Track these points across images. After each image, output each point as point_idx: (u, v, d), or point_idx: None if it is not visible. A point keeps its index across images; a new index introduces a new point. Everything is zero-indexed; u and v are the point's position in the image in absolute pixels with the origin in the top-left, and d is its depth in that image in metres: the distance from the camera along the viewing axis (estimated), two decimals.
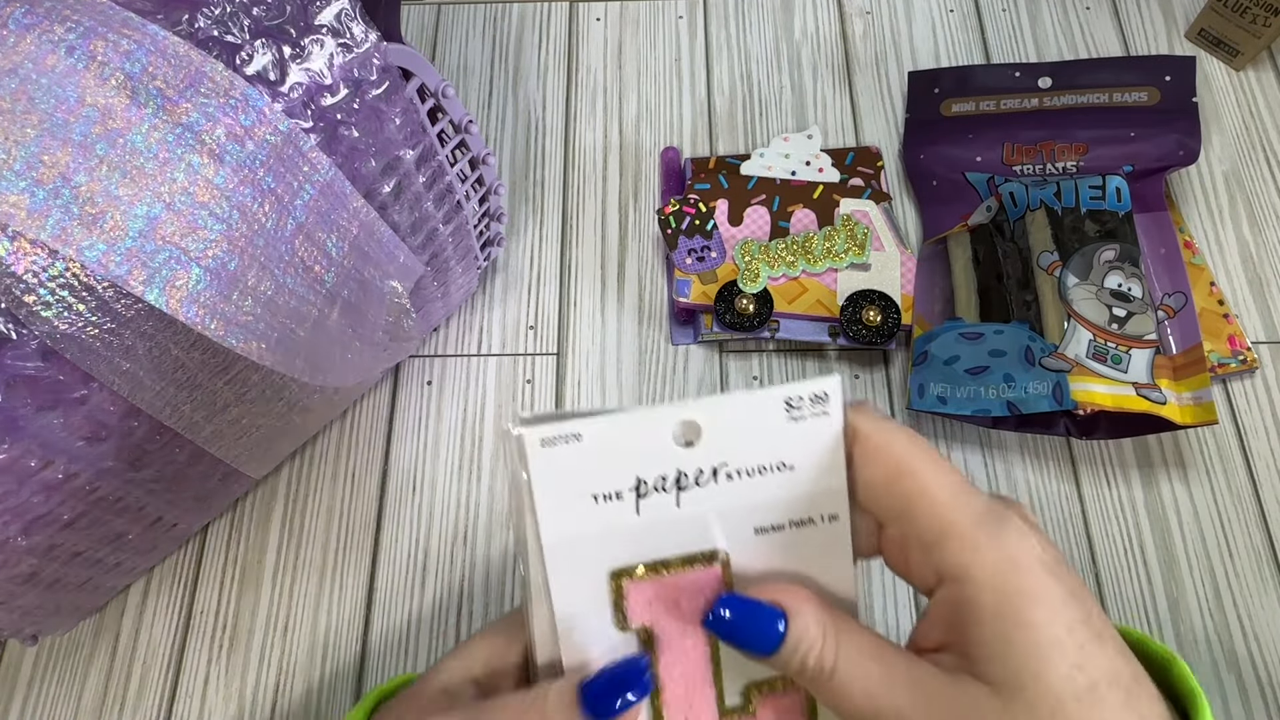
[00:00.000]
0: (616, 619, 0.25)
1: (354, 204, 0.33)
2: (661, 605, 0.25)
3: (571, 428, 0.23)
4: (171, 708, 0.40)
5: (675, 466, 0.24)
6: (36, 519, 0.32)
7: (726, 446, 0.25)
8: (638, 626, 0.25)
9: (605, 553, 0.25)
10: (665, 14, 0.57)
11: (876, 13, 0.57)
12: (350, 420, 0.46)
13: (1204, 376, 0.41)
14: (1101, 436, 0.42)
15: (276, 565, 0.43)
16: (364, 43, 0.32)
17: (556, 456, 0.23)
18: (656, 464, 0.24)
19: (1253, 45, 0.53)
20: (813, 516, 0.25)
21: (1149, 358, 0.42)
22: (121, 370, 0.30)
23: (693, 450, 0.24)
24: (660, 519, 0.25)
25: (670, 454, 0.24)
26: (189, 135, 0.28)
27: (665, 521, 0.25)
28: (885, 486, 0.23)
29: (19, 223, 0.25)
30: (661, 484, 0.24)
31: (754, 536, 0.25)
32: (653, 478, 0.24)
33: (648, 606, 0.25)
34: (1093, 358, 0.42)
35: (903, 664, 0.23)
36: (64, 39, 0.27)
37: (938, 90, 0.53)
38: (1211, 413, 0.40)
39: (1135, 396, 0.41)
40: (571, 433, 0.23)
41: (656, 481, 0.24)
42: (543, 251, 0.50)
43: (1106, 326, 0.43)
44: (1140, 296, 0.43)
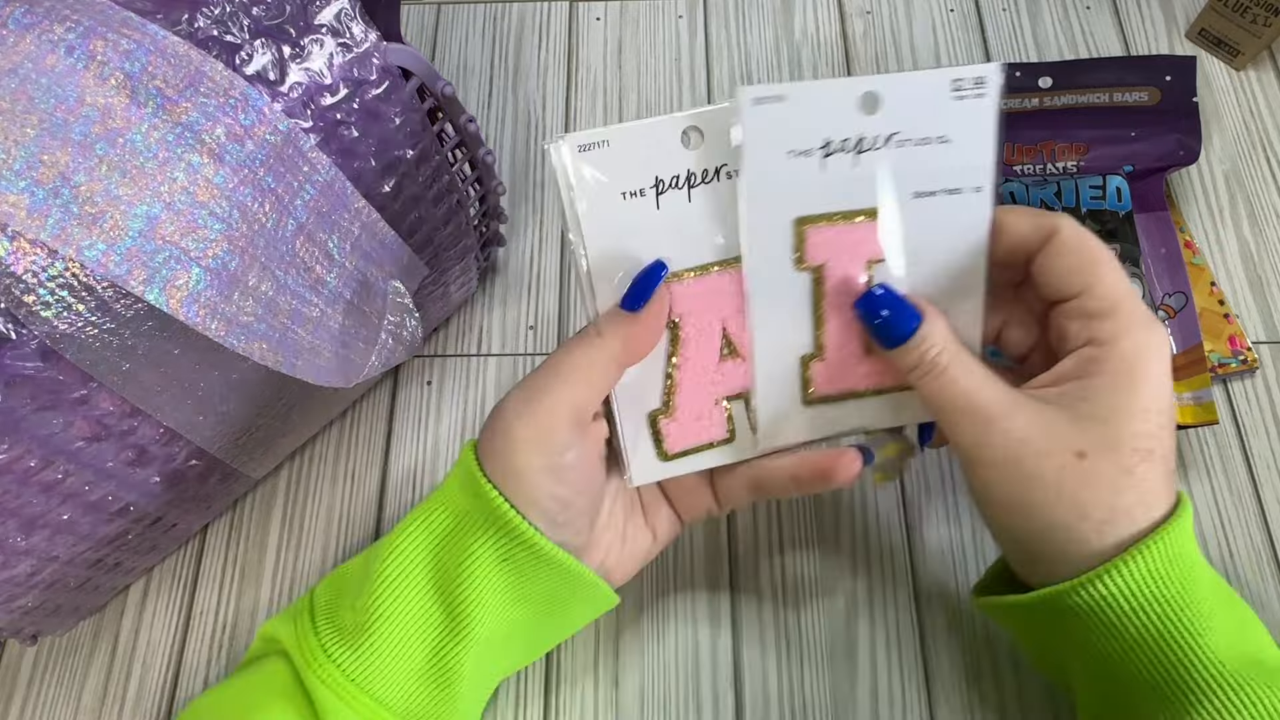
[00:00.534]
0: (795, 259, 0.31)
1: (355, 204, 0.33)
2: (834, 248, 0.31)
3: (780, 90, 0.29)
4: (171, 708, 0.40)
5: (858, 131, 0.29)
6: (36, 519, 0.32)
7: (901, 116, 0.29)
8: (814, 264, 0.31)
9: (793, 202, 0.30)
10: (665, 14, 0.57)
11: (876, 13, 0.57)
12: (350, 420, 0.46)
13: (1204, 377, 0.41)
14: None
15: (276, 565, 0.43)
16: (364, 42, 0.31)
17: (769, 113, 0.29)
18: (842, 128, 0.29)
19: (1253, 45, 0.53)
20: (962, 186, 0.30)
21: None
22: (121, 370, 0.30)
23: (872, 118, 0.29)
24: (841, 176, 0.30)
25: (854, 119, 0.29)
26: (189, 135, 0.28)
27: (845, 178, 0.30)
28: (1077, 268, 0.29)
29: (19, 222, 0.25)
30: (843, 145, 0.29)
31: (912, 200, 0.30)
32: (837, 140, 0.29)
33: (823, 248, 0.31)
34: None
35: (1001, 381, 0.29)
36: (63, 39, 0.27)
37: None
38: (1212, 413, 0.41)
39: None
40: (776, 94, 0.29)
41: (839, 144, 0.29)
42: (543, 251, 0.50)
43: None
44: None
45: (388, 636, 0.30)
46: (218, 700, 0.32)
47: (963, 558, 0.42)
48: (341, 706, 0.29)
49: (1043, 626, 0.31)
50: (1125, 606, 0.28)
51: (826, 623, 0.41)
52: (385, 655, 0.30)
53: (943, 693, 0.39)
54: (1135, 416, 0.28)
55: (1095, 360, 0.28)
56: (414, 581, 0.31)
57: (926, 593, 0.41)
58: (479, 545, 0.30)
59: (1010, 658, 0.40)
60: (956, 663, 0.40)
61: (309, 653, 0.30)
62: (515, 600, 0.31)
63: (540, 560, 0.30)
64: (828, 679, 0.40)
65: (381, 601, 0.30)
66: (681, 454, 0.33)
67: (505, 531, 0.30)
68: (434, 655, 0.30)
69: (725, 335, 0.32)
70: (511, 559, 0.30)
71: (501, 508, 0.30)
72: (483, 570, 0.30)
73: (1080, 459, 0.28)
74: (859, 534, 0.43)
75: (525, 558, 0.30)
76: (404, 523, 0.32)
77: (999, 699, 0.39)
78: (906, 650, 0.40)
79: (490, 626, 0.31)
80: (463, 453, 0.32)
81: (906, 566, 0.42)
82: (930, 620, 0.41)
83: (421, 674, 0.30)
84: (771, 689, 0.40)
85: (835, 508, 0.43)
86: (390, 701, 0.30)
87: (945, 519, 0.43)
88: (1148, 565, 0.27)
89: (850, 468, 0.32)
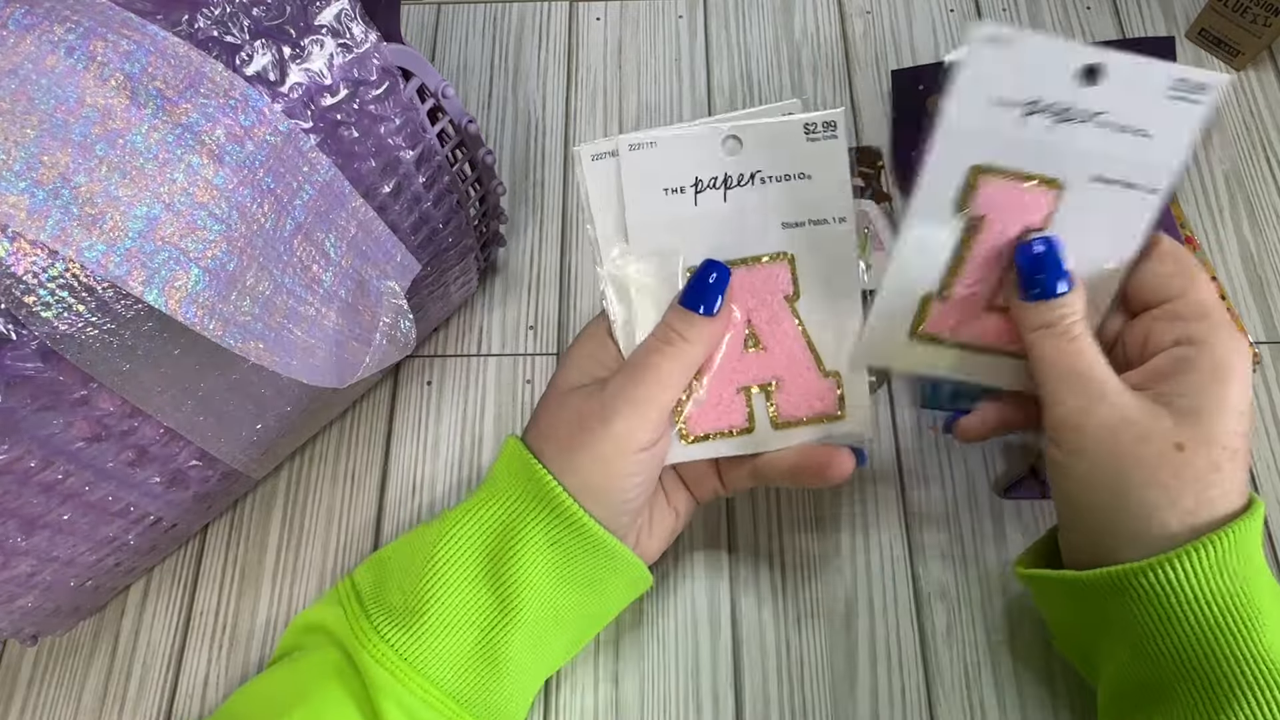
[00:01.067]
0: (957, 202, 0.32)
1: (353, 203, 0.33)
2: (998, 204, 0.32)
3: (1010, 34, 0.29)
4: (171, 708, 0.40)
5: (1068, 100, 0.30)
6: (36, 519, 0.32)
7: (1114, 97, 0.30)
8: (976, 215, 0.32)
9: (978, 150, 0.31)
10: (665, 14, 0.57)
11: (876, 13, 0.57)
12: (350, 420, 0.46)
13: None
14: None
15: (276, 565, 0.43)
16: (364, 43, 0.31)
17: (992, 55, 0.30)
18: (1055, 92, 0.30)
19: (1253, 45, 0.53)
20: (1141, 184, 0.31)
21: None
22: (121, 370, 0.30)
23: (1085, 90, 0.30)
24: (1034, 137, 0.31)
25: (1068, 87, 0.30)
26: (189, 136, 0.28)
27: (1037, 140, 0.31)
28: (1175, 274, 0.31)
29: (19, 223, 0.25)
30: (1049, 108, 0.30)
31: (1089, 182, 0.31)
32: (1045, 101, 0.30)
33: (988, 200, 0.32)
34: None
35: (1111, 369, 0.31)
36: (64, 39, 0.27)
37: (922, 87, 0.52)
38: None
39: None
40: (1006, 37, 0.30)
41: (1048, 105, 0.30)
42: (543, 252, 0.50)
43: None
44: None
45: (440, 618, 0.31)
46: (266, 686, 0.33)
47: (962, 557, 0.42)
48: (394, 684, 0.30)
49: (1090, 606, 0.32)
50: (1190, 593, 0.29)
51: (826, 623, 0.41)
52: (437, 635, 0.31)
53: (943, 693, 0.39)
54: (1229, 415, 0.29)
55: (1188, 360, 0.30)
56: (465, 567, 0.32)
57: (926, 593, 0.41)
58: (530, 529, 0.32)
59: (1010, 658, 0.40)
60: (957, 663, 0.40)
61: (362, 634, 0.31)
62: (560, 583, 0.33)
63: (589, 544, 0.32)
64: (828, 679, 0.40)
65: (434, 584, 0.32)
66: (702, 438, 0.35)
67: (560, 516, 0.32)
68: (484, 637, 0.32)
69: (750, 327, 0.35)
70: (560, 543, 0.32)
71: (558, 493, 0.32)
72: (532, 554, 0.32)
73: (1178, 450, 0.29)
74: (859, 533, 0.43)
75: (574, 542, 0.32)
76: (455, 513, 0.33)
77: (999, 699, 0.39)
78: (906, 650, 0.40)
79: (536, 609, 0.32)
80: (508, 445, 0.34)
81: (906, 566, 0.42)
82: (930, 620, 0.41)
83: (471, 655, 0.32)
84: (771, 689, 0.40)
85: (835, 508, 0.43)
86: (442, 680, 0.31)
87: (945, 519, 0.43)
88: (1218, 555, 0.28)
89: (843, 466, 0.33)
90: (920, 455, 0.44)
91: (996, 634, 0.40)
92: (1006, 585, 0.41)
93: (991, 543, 0.42)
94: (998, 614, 0.41)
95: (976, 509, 0.43)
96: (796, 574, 0.42)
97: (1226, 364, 0.30)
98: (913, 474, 0.44)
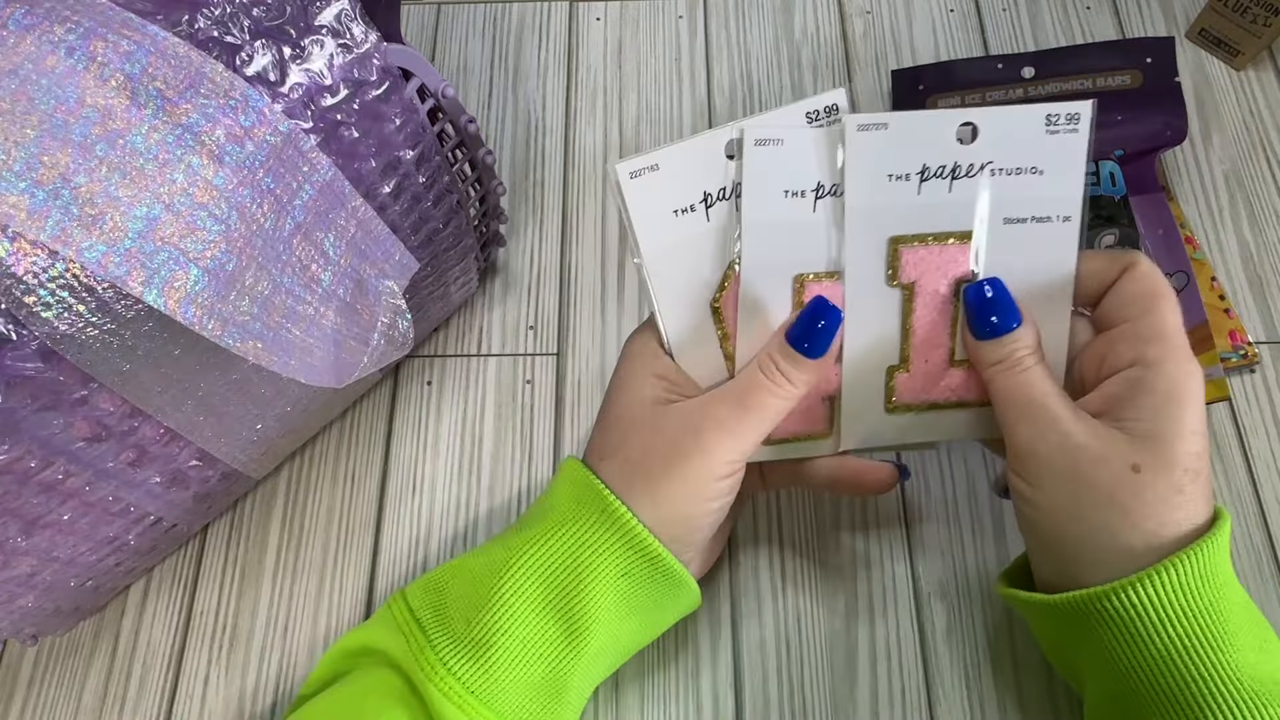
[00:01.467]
0: (888, 275, 0.33)
1: (352, 203, 0.33)
2: (925, 267, 0.33)
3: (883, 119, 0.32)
4: (171, 708, 0.40)
5: (954, 159, 0.32)
6: (36, 520, 0.32)
7: (996, 147, 0.32)
8: (906, 282, 0.33)
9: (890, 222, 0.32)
10: (665, 14, 0.57)
11: (876, 13, 0.57)
12: (350, 420, 0.46)
13: (1213, 354, 0.41)
14: None
15: (276, 565, 0.43)
16: (364, 43, 0.31)
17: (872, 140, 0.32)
18: (939, 156, 0.32)
19: (1253, 45, 0.53)
20: (1052, 215, 0.32)
21: None
22: (121, 370, 0.30)
23: (968, 147, 0.32)
24: (936, 200, 0.32)
25: (951, 148, 0.32)
26: (189, 136, 0.28)
27: (940, 202, 0.32)
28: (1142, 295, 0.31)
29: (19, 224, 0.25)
30: (939, 171, 0.32)
31: (1002, 225, 0.32)
32: (934, 166, 0.32)
33: (915, 266, 0.33)
34: None
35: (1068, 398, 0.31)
36: (64, 40, 0.27)
37: (922, 87, 0.52)
38: (1223, 389, 0.40)
39: None
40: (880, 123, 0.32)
41: (937, 169, 0.32)
42: (543, 251, 0.50)
43: None
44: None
45: (508, 651, 0.31)
46: (326, 709, 0.32)
47: (963, 558, 0.42)
48: (460, 717, 0.30)
49: (1064, 627, 0.32)
50: (1157, 615, 0.29)
51: (826, 623, 0.41)
52: (505, 669, 0.31)
53: (943, 693, 0.39)
54: (1185, 437, 0.29)
55: (1142, 382, 0.30)
56: (533, 599, 0.32)
57: (926, 593, 0.41)
58: (603, 562, 0.32)
59: (1010, 658, 0.40)
60: (957, 663, 0.40)
61: (428, 665, 0.31)
62: (627, 613, 0.33)
63: (659, 573, 0.32)
64: (828, 679, 0.40)
65: (501, 617, 0.31)
66: (783, 440, 0.35)
67: (636, 549, 0.32)
68: (550, 669, 0.32)
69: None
70: (630, 574, 0.32)
71: (635, 526, 0.31)
72: (603, 587, 0.32)
73: (1135, 472, 0.29)
74: (859, 533, 0.43)
75: (644, 572, 0.32)
76: (519, 538, 0.33)
77: (999, 699, 0.39)
78: (906, 650, 0.40)
79: (601, 639, 0.32)
80: (570, 468, 0.34)
81: (906, 566, 0.42)
82: (930, 620, 0.41)
83: (537, 687, 0.31)
84: (771, 689, 0.40)
85: (835, 508, 0.43)
86: (506, 713, 0.31)
87: (945, 519, 0.43)
88: (1183, 575, 0.28)
89: (883, 482, 0.35)
90: (920, 455, 0.44)
91: (996, 634, 0.40)
92: None
93: (991, 543, 0.42)
94: (998, 614, 0.41)
95: (976, 509, 0.43)
96: (796, 574, 0.42)
97: (1180, 387, 0.30)
98: (913, 474, 0.44)
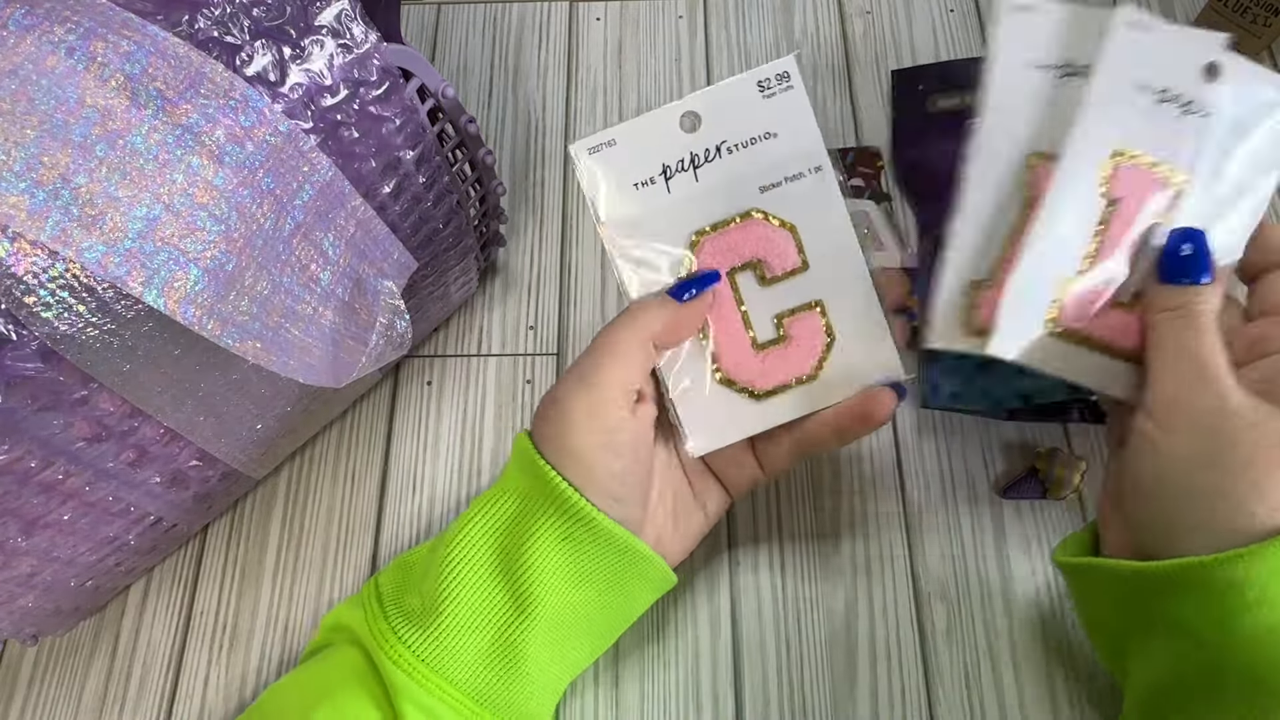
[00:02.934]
0: (1102, 184, 0.32)
1: (352, 203, 0.33)
2: (1133, 189, 0.32)
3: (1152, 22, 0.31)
4: (171, 708, 0.40)
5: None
6: (37, 520, 0.32)
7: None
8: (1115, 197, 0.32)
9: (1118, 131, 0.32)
10: (665, 14, 0.57)
11: (876, 13, 0.57)
12: (350, 420, 0.46)
13: None
14: None
15: (276, 565, 0.43)
16: (364, 43, 0.32)
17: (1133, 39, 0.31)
18: (1184, 84, 0.31)
19: (1253, 45, 0.53)
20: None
21: None
22: (121, 370, 0.30)
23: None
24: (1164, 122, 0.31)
25: (1196, 83, 0.31)
26: (189, 136, 0.28)
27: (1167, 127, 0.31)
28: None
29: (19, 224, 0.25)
30: (1177, 98, 0.31)
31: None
32: (1174, 91, 0.31)
33: (1126, 185, 0.32)
34: None
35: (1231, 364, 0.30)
36: (64, 40, 0.27)
37: (922, 87, 0.52)
38: None
39: None
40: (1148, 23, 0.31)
41: (1174, 95, 0.31)
42: (543, 251, 0.50)
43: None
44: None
45: (455, 618, 0.31)
46: (291, 686, 0.33)
47: (963, 558, 0.42)
48: (412, 685, 0.30)
49: (1137, 599, 0.31)
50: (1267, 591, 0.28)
51: (826, 623, 0.41)
52: (453, 636, 0.31)
53: (943, 693, 0.39)
54: None
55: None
56: (478, 565, 0.32)
57: (926, 593, 0.41)
58: (541, 526, 0.32)
59: (1010, 658, 0.40)
60: (957, 663, 0.40)
61: (379, 635, 0.31)
62: (577, 581, 0.32)
63: (599, 537, 0.32)
64: (828, 679, 0.40)
65: (447, 585, 0.32)
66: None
67: (565, 510, 0.32)
68: (500, 636, 0.32)
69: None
70: (572, 538, 0.32)
71: (561, 486, 0.31)
72: (544, 551, 0.32)
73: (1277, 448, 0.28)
74: (859, 534, 0.43)
75: (585, 536, 0.32)
76: (468, 511, 0.33)
77: (999, 699, 0.39)
78: (906, 650, 0.40)
79: (554, 607, 0.32)
80: (517, 441, 0.34)
81: (906, 566, 0.42)
82: (930, 620, 0.41)
83: (489, 654, 0.32)
84: (771, 689, 0.40)
85: (835, 507, 0.43)
86: (459, 680, 0.31)
87: (945, 519, 0.43)
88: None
89: (886, 404, 0.34)
90: (920, 455, 0.44)
91: (996, 634, 0.40)
92: (1006, 585, 0.41)
93: (991, 543, 0.42)
94: (998, 614, 0.41)
95: (976, 509, 0.43)
96: (796, 574, 0.42)
97: None
98: (913, 474, 0.44)
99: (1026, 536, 0.42)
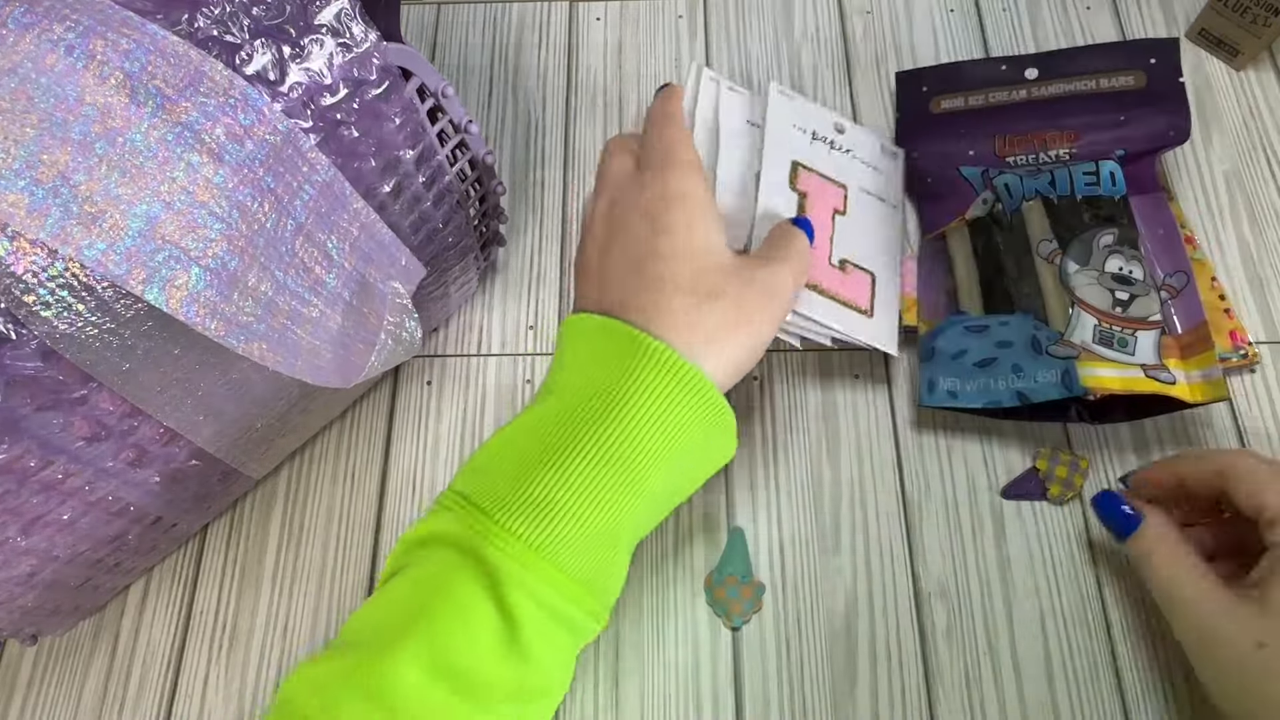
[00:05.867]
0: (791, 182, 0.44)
1: (354, 205, 0.33)
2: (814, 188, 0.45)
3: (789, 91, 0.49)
4: (171, 708, 0.40)
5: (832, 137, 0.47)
6: (36, 519, 0.32)
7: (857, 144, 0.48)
8: (801, 190, 0.44)
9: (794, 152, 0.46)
10: (665, 14, 0.57)
11: (876, 13, 0.57)
12: (350, 420, 0.46)
13: (1211, 354, 0.41)
14: (1114, 420, 0.43)
15: (276, 565, 0.43)
16: (364, 42, 0.31)
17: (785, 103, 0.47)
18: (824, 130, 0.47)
19: (1253, 45, 0.53)
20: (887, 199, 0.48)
21: (1155, 339, 0.42)
22: (121, 370, 0.30)
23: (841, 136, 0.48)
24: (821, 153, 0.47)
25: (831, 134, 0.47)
26: (188, 134, 0.28)
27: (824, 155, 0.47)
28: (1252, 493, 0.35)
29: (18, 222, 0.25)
30: (824, 139, 0.47)
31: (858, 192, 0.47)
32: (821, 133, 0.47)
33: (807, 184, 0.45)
34: (1099, 342, 0.42)
35: (1200, 571, 0.35)
36: (63, 38, 0.27)
37: (925, 88, 0.53)
38: (1222, 389, 0.40)
39: (1144, 379, 0.41)
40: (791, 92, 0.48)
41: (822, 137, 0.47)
42: (543, 251, 0.50)
43: (1110, 310, 0.43)
44: (1142, 278, 0.43)
45: (567, 505, 0.31)
46: (390, 596, 0.32)
47: (963, 558, 0.42)
48: (524, 573, 0.30)
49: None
50: None
51: (826, 623, 0.41)
52: (567, 523, 0.31)
53: (943, 693, 0.39)
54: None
55: (1276, 559, 0.34)
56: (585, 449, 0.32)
57: (926, 592, 0.41)
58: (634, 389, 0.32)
59: (1010, 658, 0.40)
60: (957, 663, 0.40)
61: (484, 530, 0.31)
62: (681, 452, 0.33)
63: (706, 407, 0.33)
64: (828, 679, 0.40)
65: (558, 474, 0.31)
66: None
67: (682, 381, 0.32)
68: (611, 518, 0.32)
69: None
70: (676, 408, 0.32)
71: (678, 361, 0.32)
72: (642, 411, 0.32)
73: (1259, 649, 0.32)
74: (859, 533, 0.43)
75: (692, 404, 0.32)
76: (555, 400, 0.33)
77: (999, 699, 0.39)
78: (906, 650, 0.40)
79: (659, 480, 0.32)
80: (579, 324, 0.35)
81: (906, 566, 0.42)
82: (930, 620, 0.41)
83: (597, 537, 0.31)
84: (771, 689, 0.40)
85: (835, 506, 0.43)
86: (570, 567, 0.31)
87: (946, 520, 0.43)
88: None
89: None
90: (920, 455, 0.44)
91: (996, 634, 0.40)
92: (1006, 585, 0.41)
93: (991, 543, 0.42)
94: (998, 614, 0.41)
95: (976, 509, 0.43)
96: (796, 574, 0.42)
97: None
98: (913, 474, 0.44)
99: (1026, 536, 0.42)
